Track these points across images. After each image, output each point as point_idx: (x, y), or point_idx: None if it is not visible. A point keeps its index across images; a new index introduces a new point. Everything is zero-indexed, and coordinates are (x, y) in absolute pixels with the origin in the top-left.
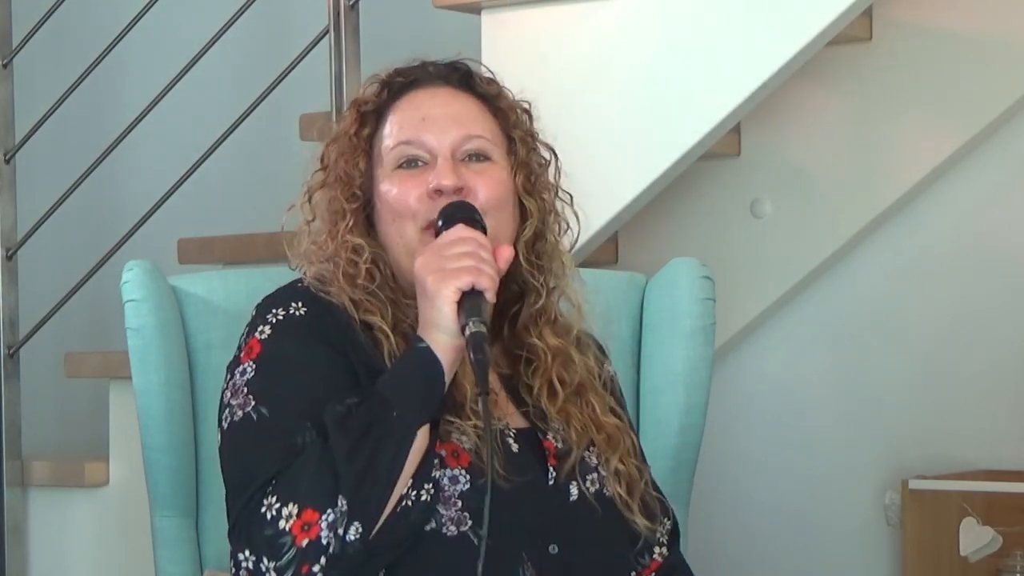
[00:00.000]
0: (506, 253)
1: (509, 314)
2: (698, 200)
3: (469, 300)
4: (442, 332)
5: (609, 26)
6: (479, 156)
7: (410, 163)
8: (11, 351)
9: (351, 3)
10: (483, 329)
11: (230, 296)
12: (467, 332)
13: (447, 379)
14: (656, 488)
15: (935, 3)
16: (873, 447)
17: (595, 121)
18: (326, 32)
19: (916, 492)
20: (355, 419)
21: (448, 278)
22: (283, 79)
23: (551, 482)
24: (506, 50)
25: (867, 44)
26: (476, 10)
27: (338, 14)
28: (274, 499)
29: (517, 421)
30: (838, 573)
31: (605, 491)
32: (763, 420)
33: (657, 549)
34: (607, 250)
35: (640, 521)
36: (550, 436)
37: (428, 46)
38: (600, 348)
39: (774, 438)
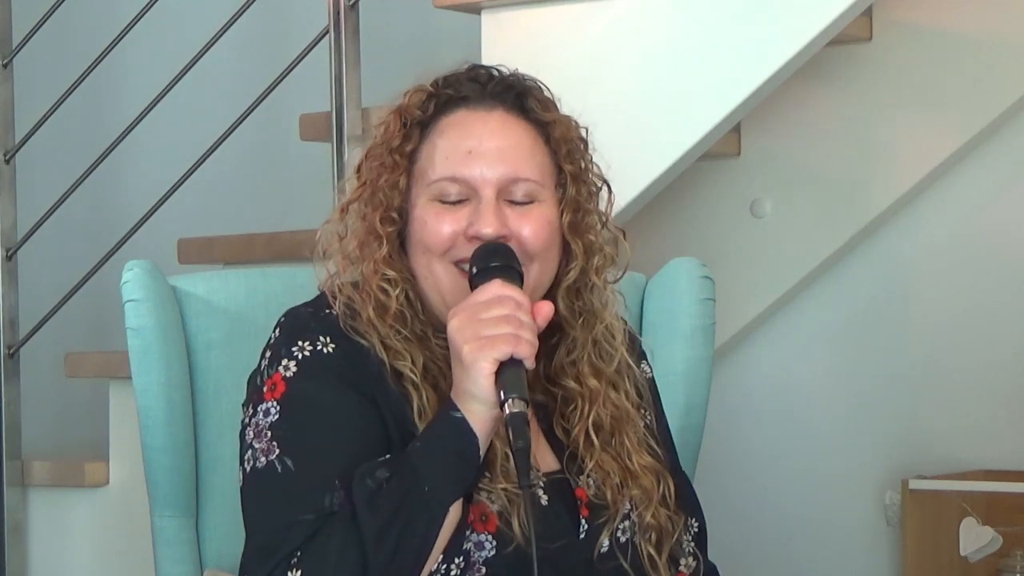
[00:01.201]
0: (545, 310)
1: (547, 344)
2: (698, 200)
3: (508, 371)
4: (479, 403)
5: (609, 26)
6: (525, 197)
7: (449, 197)
8: (11, 351)
9: (351, 3)
10: (524, 408)
11: (230, 296)
12: (507, 411)
13: (483, 451)
14: (691, 502)
15: (935, 3)
16: (873, 447)
17: (595, 121)
18: (326, 32)
19: (916, 492)
20: (385, 496)
21: (485, 348)
22: (283, 79)
23: (582, 535)
24: (506, 50)
25: (867, 44)
26: (476, 10)
27: (338, 14)
28: (299, 573)
29: (548, 461)
30: (838, 573)
31: (635, 538)
32: (763, 420)
33: (683, 560)
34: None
35: None
36: (582, 482)
37: (428, 46)
38: (640, 349)
39: (774, 438)
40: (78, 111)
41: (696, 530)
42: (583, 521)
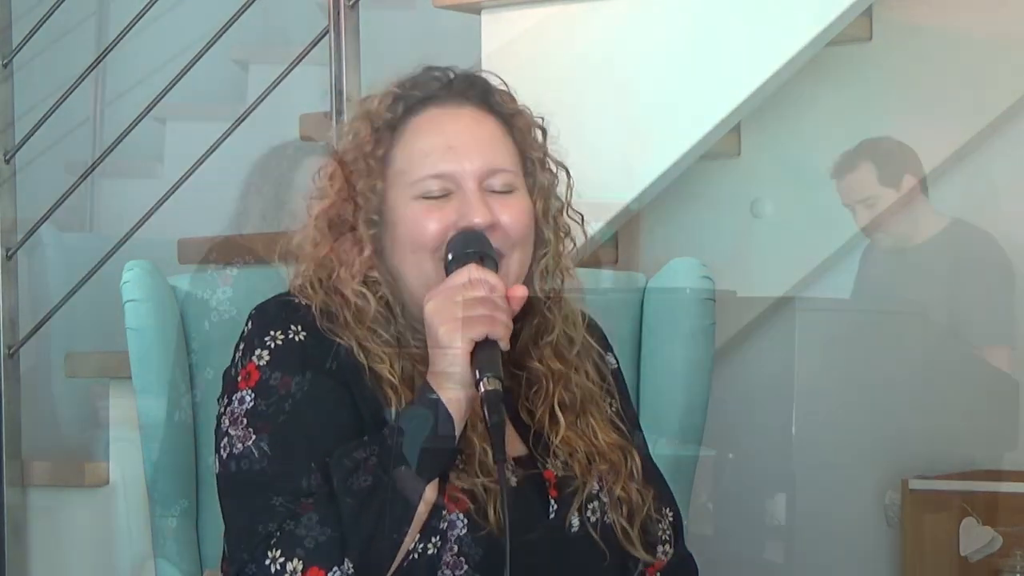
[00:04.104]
0: (519, 293)
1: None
2: (698, 200)
3: (483, 351)
4: (454, 383)
5: (609, 26)
6: (504, 187)
7: (433, 193)
8: (11, 351)
9: (351, 3)
10: (498, 386)
11: (230, 296)
12: (482, 389)
13: (457, 432)
14: (663, 491)
15: (935, 3)
16: (873, 447)
17: (595, 121)
18: (326, 32)
19: (916, 492)
20: (362, 476)
21: (462, 328)
22: (283, 79)
23: (552, 516)
24: (506, 50)
25: (867, 44)
26: (476, 10)
27: (338, 14)
28: (279, 552)
29: (516, 447)
30: (838, 573)
31: (606, 518)
32: (763, 420)
33: (660, 547)
34: (607, 250)
35: (640, 553)
36: (550, 464)
37: (428, 46)
38: (603, 338)
39: (774, 438)
40: (78, 111)
41: (671, 519)
42: (552, 501)
